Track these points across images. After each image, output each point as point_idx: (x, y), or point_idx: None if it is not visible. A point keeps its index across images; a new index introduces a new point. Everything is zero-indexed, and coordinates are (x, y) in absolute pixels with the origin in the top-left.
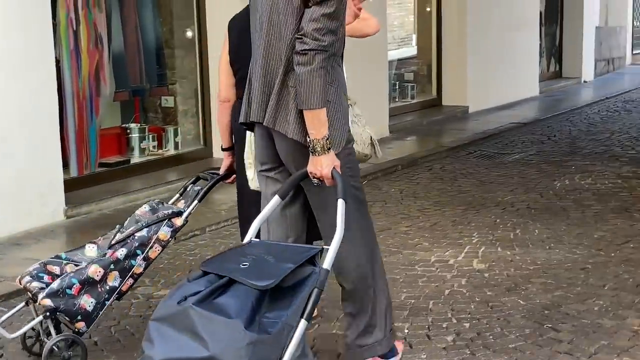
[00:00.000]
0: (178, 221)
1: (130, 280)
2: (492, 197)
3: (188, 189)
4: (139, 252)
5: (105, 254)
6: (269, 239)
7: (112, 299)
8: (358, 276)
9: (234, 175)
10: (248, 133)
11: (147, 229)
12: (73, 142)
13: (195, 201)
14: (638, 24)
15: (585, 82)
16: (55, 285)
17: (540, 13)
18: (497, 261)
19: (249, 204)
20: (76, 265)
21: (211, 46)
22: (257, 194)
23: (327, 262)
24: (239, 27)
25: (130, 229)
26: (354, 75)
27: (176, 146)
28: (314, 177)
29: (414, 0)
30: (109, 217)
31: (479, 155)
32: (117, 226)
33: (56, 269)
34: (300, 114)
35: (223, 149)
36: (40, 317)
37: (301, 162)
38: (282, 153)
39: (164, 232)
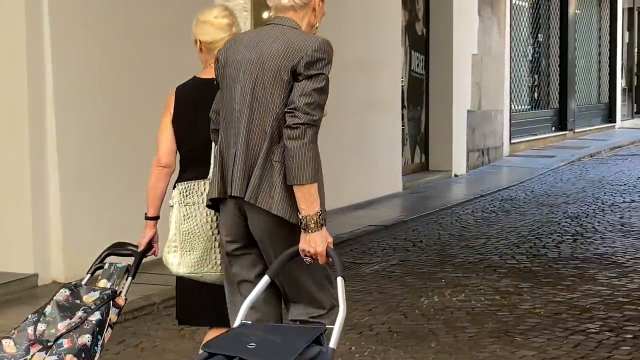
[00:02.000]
0: (120, 301)
1: None
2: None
3: (106, 266)
4: (99, 337)
5: (29, 347)
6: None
7: None
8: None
9: (155, 247)
10: (174, 218)
11: (99, 311)
12: None
13: (130, 278)
14: (517, 107)
15: (456, 176)
16: None
17: (403, 93)
18: None
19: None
20: None
21: None
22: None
23: (333, 342)
24: (189, 101)
25: (78, 314)
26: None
27: None
28: (306, 256)
29: None
30: None
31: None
32: (30, 316)
33: None
34: (286, 190)
35: (148, 218)
36: None
37: (282, 240)
38: (259, 230)
39: (114, 314)
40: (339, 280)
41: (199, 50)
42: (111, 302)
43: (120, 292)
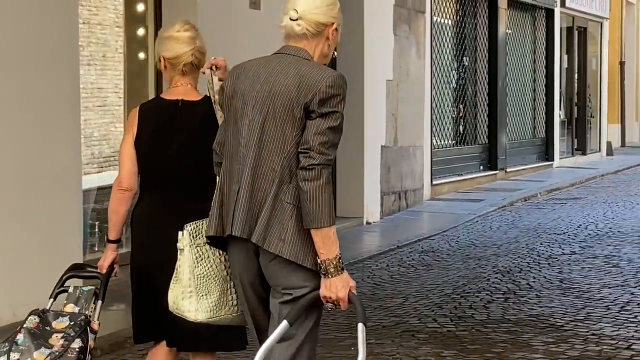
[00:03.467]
0: (95, 326)
1: None
2: None
3: (71, 290)
4: None
5: None
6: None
7: None
8: None
9: (117, 269)
10: (186, 262)
11: (79, 338)
12: None
13: (100, 301)
14: (439, 142)
15: (368, 223)
16: None
17: None
18: None
19: (149, 305)
20: None
21: None
22: (157, 296)
23: None
24: (153, 122)
25: (60, 342)
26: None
27: None
28: (327, 302)
29: (122, 103)
30: None
31: None
32: (0, 345)
33: None
34: (298, 232)
35: (110, 241)
36: None
37: (293, 283)
38: (270, 271)
39: (92, 340)
40: (360, 327)
41: (163, 68)
42: (88, 328)
43: (92, 317)
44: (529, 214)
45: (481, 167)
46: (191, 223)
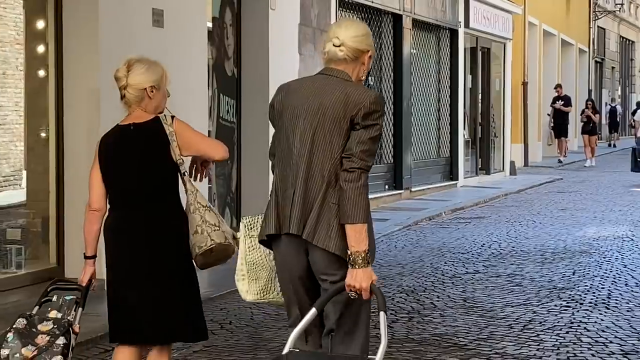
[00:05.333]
0: (76, 328)
1: None
2: None
3: (55, 299)
4: (67, 358)
5: None
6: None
7: None
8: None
9: (95, 282)
10: (240, 245)
11: (63, 336)
12: None
13: (80, 309)
14: None
15: None
16: None
17: None
18: None
19: (121, 306)
20: None
21: None
22: (126, 294)
23: None
24: (111, 149)
25: (47, 338)
26: None
27: None
28: (351, 290)
29: (23, 122)
30: None
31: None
32: None
33: None
34: (341, 229)
35: (87, 257)
36: None
37: (335, 275)
38: (319, 265)
39: (73, 340)
40: (382, 315)
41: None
42: (70, 330)
43: (73, 321)
44: (434, 233)
45: (386, 187)
46: (247, 216)
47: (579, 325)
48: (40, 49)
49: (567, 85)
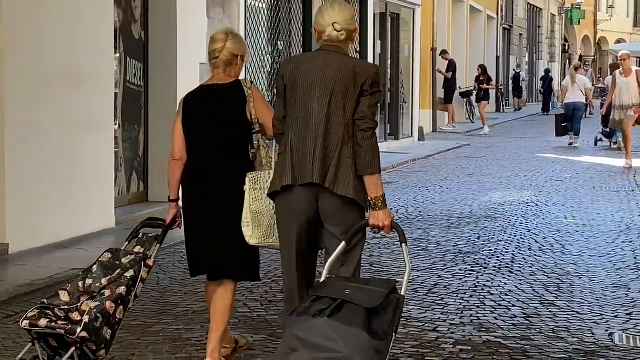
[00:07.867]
0: (150, 262)
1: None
2: None
3: (140, 236)
4: (132, 288)
5: (79, 297)
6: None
7: (118, 329)
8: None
9: (179, 222)
10: (246, 197)
11: (132, 269)
12: None
13: (158, 245)
14: None
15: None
16: (86, 319)
17: (116, 109)
18: None
19: (198, 244)
20: (61, 309)
21: None
22: (202, 234)
23: (403, 291)
24: (194, 104)
25: (117, 271)
26: None
27: None
28: (374, 229)
29: None
30: None
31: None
32: (80, 273)
33: (49, 313)
34: (356, 179)
35: (171, 200)
36: (72, 349)
37: (349, 217)
38: (330, 209)
39: (145, 272)
40: (404, 247)
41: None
42: (142, 263)
43: (150, 255)
44: None
45: None
46: (252, 172)
47: (482, 289)
48: None
49: (476, 52)
